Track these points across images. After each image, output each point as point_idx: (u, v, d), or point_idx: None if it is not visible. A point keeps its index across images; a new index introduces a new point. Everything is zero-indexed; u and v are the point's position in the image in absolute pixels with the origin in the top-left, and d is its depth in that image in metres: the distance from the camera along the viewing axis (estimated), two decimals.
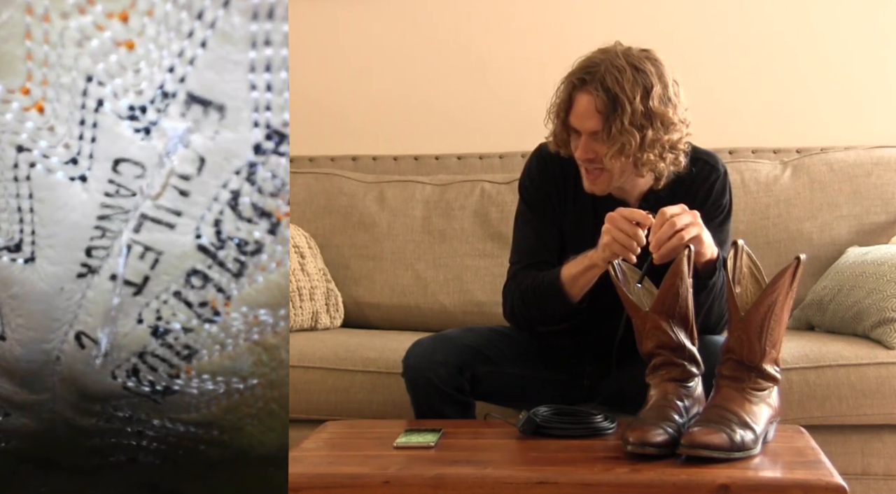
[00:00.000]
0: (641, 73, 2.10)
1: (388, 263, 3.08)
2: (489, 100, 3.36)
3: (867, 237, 2.93)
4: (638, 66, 2.10)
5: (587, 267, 2.12)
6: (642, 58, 2.12)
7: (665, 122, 2.10)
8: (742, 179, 3.01)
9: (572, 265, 2.16)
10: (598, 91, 2.09)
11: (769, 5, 3.31)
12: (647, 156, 2.11)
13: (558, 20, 3.34)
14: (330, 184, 3.19)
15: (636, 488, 1.73)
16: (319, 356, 2.61)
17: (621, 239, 2.02)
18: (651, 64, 2.12)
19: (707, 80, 3.24)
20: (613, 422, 2.01)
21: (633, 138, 2.08)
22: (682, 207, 2.02)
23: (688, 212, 2.02)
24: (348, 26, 3.43)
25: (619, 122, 2.08)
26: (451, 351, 2.23)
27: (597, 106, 2.10)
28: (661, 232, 1.98)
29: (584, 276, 2.14)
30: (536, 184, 2.31)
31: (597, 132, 2.12)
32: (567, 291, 2.16)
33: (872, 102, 3.26)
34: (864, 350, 2.48)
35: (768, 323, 1.86)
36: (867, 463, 2.44)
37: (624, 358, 2.23)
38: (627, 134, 2.08)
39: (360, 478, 1.78)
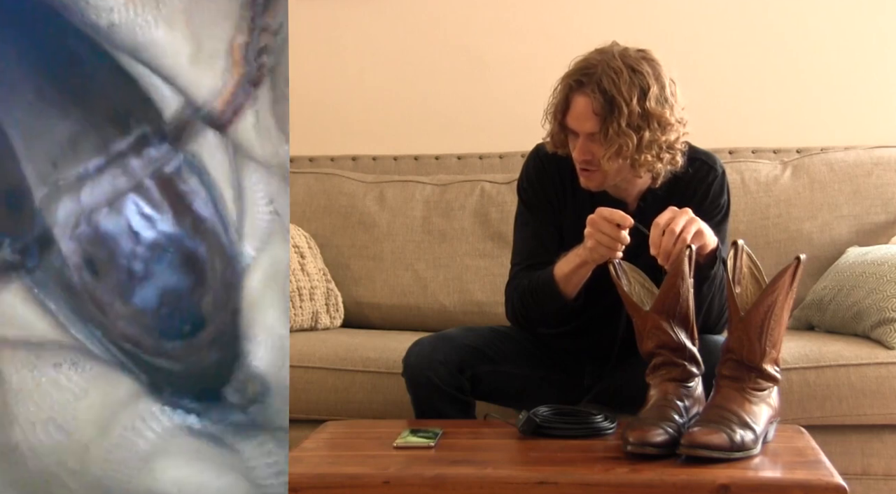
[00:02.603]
0: (638, 74, 2.10)
1: (388, 263, 3.08)
2: (489, 101, 3.36)
3: (867, 237, 2.93)
4: (634, 67, 2.10)
5: (578, 264, 2.12)
6: (639, 58, 2.12)
7: (662, 123, 2.10)
8: (742, 179, 3.01)
9: (564, 263, 2.16)
10: (594, 93, 2.09)
11: (769, 5, 3.31)
12: (644, 157, 2.11)
13: (558, 20, 3.34)
14: (330, 184, 3.19)
15: (636, 488, 1.73)
16: (319, 356, 2.61)
17: (605, 241, 2.03)
18: (648, 64, 2.11)
19: (707, 80, 3.24)
20: (613, 422, 2.01)
21: (630, 139, 2.08)
22: (672, 210, 2.02)
23: (678, 212, 2.01)
24: (348, 26, 3.43)
25: (616, 124, 2.08)
26: (451, 350, 2.23)
27: (593, 108, 2.10)
28: (665, 242, 1.97)
29: (576, 274, 2.14)
30: (535, 185, 2.31)
31: (594, 133, 2.12)
32: (562, 289, 2.16)
33: (872, 102, 3.26)
34: (864, 350, 2.48)
35: (768, 323, 1.86)
36: (867, 463, 2.44)
37: (624, 358, 2.23)
38: (624, 135, 2.08)
39: (360, 478, 1.78)
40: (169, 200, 1.43)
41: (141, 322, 1.45)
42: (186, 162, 1.43)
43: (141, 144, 1.42)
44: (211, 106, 1.42)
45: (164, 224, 1.43)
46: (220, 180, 1.44)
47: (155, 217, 1.43)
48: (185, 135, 1.43)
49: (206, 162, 1.43)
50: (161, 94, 1.41)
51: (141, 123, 1.42)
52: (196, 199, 1.44)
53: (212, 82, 1.42)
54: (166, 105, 1.42)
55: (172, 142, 1.43)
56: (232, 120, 1.43)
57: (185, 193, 1.44)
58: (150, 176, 1.43)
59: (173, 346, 1.46)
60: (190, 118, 1.42)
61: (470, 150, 3.29)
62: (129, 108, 1.41)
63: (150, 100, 1.42)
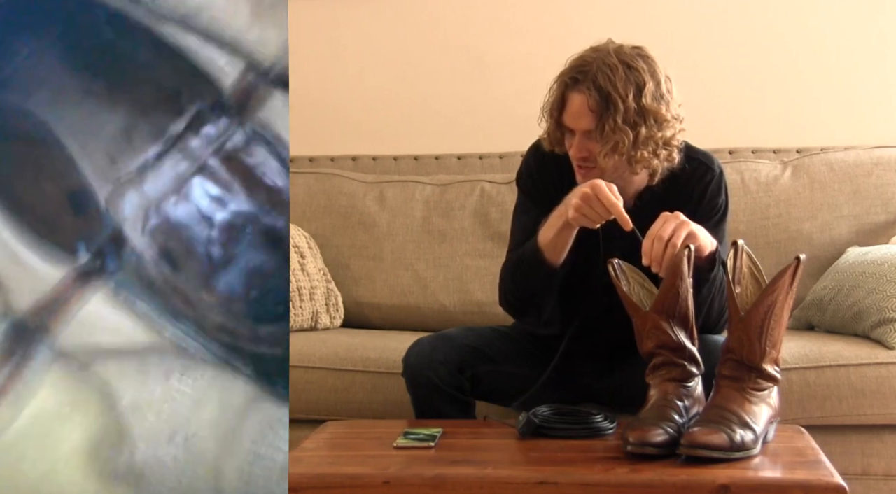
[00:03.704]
0: (633, 70, 2.10)
1: (388, 263, 3.08)
2: (489, 100, 3.36)
3: (867, 237, 2.93)
4: (630, 63, 2.10)
5: (561, 227, 2.11)
6: (634, 55, 2.12)
7: (658, 119, 2.10)
8: (742, 179, 3.01)
9: (546, 229, 2.15)
10: (590, 90, 2.09)
11: (769, 5, 3.31)
12: (640, 154, 2.11)
13: (558, 20, 3.34)
14: (330, 184, 3.19)
15: (636, 488, 1.73)
16: (319, 356, 2.60)
17: (591, 215, 2.03)
18: (643, 61, 2.12)
19: (707, 80, 3.24)
20: (613, 422, 2.01)
21: (627, 136, 2.08)
22: (663, 216, 2.01)
23: (669, 217, 2.01)
24: (348, 26, 3.43)
25: (612, 121, 2.08)
26: (451, 350, 2.23)
27: (589, 105, 2.10)
28: (655, 251, 1.97)
29: (560, 237, 2.13)
30: (534, 177, 2.30)
31: (590, 131, 2.12)
32: (547, 257, 2.15)
33: (872, 102, 3.26)
34: (864, 350, 2.48)
35: (768, 323, 1.86)
36: (867, 463, 2.44)
37: (624, 358, 2.23)
38: (620, 132, 2.08)
39: (360, 478, 1.78)
40: (238, 177, 1.35)
41: (231, 309, 1.37)
42: (250, 133, 1.34)
43: (198, 123, 1.33)
44: (281, 63, 1.32)
45: (237, 202, 1.36)
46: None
47: (225, 197, 1.36)
48: (249, 104, 1.33)
49: (277, 126, 1.33)
50: (216, 65, 1.31)
51: (194, 100, 1.33)
52: (266, 171, 1.36)
53: (278, 36, 1.32)
54: (224, 74, 1.33)
55: (233, 114, 1.34)
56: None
57: (254, 167, 1.36)
58: (213, 154, 1.34)
59: (271, 330, 1.39)
60: (254, 83, 1.32)
61: (470, 150, 3.29)
62: (179, 86, 1.33)
63: (204, 73, 1.33)
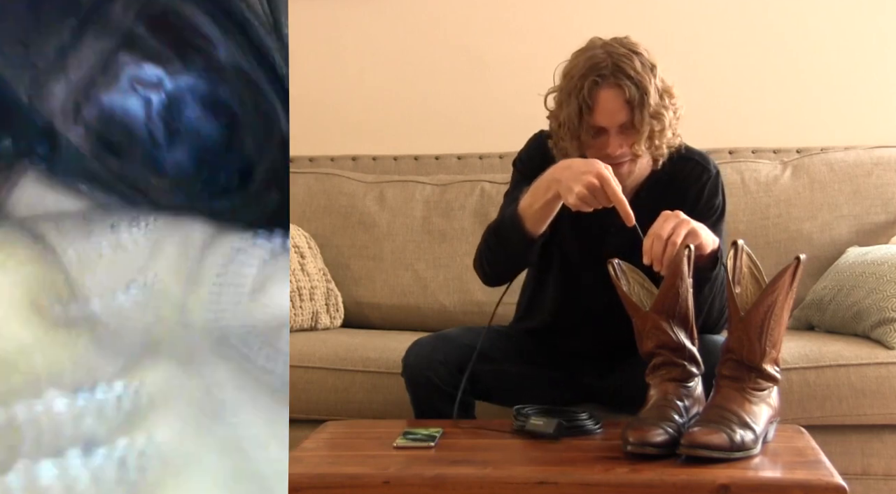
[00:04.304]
0: (640, 55, 2.13)
1: (388, 263, 3.08)
2: (489, 100, 3.36)
3: (867, 237, 2.93)
4: (633, 49, 2.14)
5: (550, 199, 2.08)
6: (628, 43, 2.15)
7: (672, 95, 2.15)
8: (742, 179, 3.01)
9: (532, 198, 2.11)
10: (624, 82, 2.09)
11: (769, 5, 3.31)
12: (666, 134, 2.14)
13: (558, 20, 3.34)
14: (330, 184, 3.19)
15: (636, 488, 1.73)
16: (319, 356, 2.60)
17: (593, 205, 2.02)
18: (636, 46, 2.15)
19: (707, 80, 3.24)
20: (598, 423, 2.01)
21: (659, 119, 2.11)
22: (664, 215, 2.01)
23: (669, 216, 2.00)
24: (348, 26, 3.43)
25: (647, 106, 2.09)
26: (450, 350, 2.23)
27: (625, 97, 2.10)
28: (654, 250, 1.97)
29: (545, 209, 2.10)
30: (535, 162, 2.28)
31: (625, 123, 2.11)
32: (527, 226, 2.12)
33: (872, 102, 3.26)
34: (864, 350, 2.48)
35: (768, 323, 1.86)
36: (867, 463, 2.44)
37: (624, 358, 2.23)
38: (653, 117, 2.10)
39: (360, 478, 1.78)
40: (169, 44, 1.13)
41: (185, 190, 1.21)
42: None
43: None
44: None
45: (173, 76, 1.16)
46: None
47: (158, 72, 1.16)
48: None
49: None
50: None
51: None
52: (201, 29, 1.14)
53: None
54: None
55: None
56: None
57: (186, 28, 1.13)
58: (137, 20, 1.10)
59: (228, 204, 1.24)
60: None
61: (470, 150, 3.29)
62: None
63: None
